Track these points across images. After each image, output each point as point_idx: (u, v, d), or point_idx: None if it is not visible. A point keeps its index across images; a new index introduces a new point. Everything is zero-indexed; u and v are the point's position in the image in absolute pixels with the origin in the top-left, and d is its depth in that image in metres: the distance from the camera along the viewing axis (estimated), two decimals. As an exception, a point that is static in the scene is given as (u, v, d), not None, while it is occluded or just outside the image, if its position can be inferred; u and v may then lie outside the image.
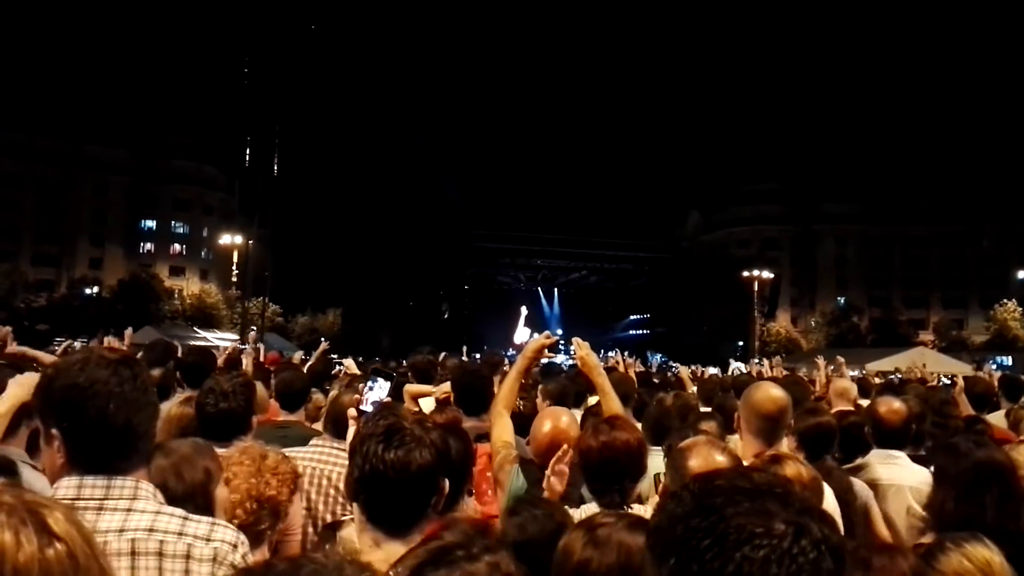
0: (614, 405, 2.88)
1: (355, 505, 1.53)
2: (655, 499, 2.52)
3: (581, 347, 3.01)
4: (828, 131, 76.80)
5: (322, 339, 12.80)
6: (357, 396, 1.91)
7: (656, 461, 2.74)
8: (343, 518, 2.73)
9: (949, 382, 9.17)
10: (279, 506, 1.95)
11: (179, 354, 5.25)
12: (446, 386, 4.39)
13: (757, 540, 0.74)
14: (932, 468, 2.07)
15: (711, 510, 0.78)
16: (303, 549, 2.54)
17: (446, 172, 65.86)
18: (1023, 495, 1.79)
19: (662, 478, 2.42)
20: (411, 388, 4.47)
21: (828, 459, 3.08)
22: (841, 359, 7.66)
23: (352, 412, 1.87)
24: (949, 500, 1.75)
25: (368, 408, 1.84)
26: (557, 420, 2.65)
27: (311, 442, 3.06)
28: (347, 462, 1.83)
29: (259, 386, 4.32)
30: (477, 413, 3.34)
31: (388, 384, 1.91)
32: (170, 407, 3.01)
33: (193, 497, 1.70)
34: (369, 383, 1.90)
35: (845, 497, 2.61)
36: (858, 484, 2.93)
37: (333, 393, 3.82)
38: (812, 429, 3.00)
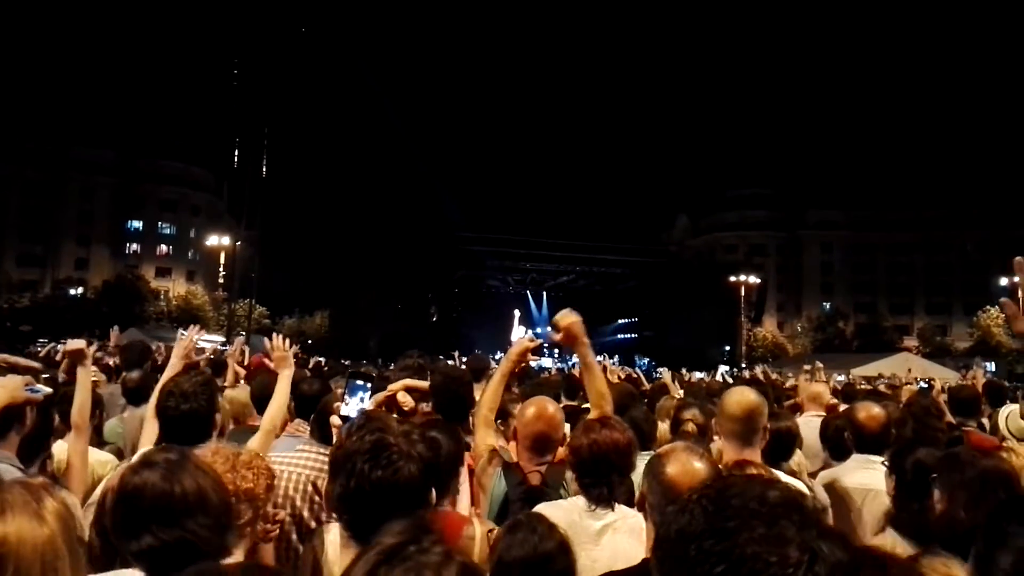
0: (598, 383, 2.82)
1: (336, 520, 1.49)
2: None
3: (566, 318, 2.78)
4: (815, 138, 77.71)
5: (309, 341, 12.74)
6: (339, 403, 1.90)
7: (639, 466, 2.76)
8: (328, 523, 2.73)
9: (926, 386, 9.27)
10: (256, 499, 1.95)
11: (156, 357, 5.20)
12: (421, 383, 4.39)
13: (772, 569, 0.74)
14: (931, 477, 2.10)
15: (725, 534, 0.77)
16: (288, 555, 2.54)
17: (436, 175, 65.79)
18: None
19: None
20: (409, 383, 4.44)
21: (788, 464, 3.14)
22: (820, 364, 7.74)
23: (335, 420, 1.86)
24: (959, 510, 1.78)
25: (351, 414, 1.83)
26: (543, 407, 2.65)
27: (296, 447, 3.05)
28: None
29: (246, 391, 4.31)
30: (457, 420, 3.28)
31: (370, 388, 1.90)
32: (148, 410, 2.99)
33: None
34: (349, 388, 1.89)
35: None
36: (817, 490, 2.96)
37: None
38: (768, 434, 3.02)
